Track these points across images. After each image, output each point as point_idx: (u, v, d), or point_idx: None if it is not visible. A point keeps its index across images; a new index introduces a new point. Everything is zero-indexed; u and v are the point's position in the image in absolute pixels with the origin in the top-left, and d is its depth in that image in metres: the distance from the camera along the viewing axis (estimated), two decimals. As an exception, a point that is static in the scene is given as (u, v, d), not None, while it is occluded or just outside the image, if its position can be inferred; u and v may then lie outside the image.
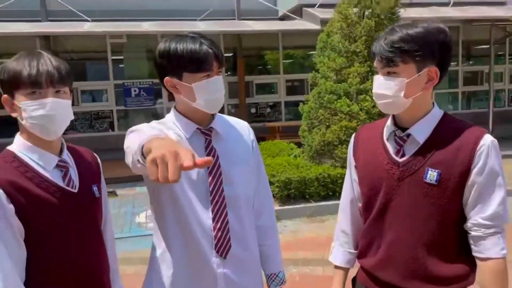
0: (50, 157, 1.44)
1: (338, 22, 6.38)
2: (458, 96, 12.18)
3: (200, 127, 1.58)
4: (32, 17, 9.67)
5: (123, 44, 10.42)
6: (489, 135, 1.44)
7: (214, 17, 10.47)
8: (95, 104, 10.37)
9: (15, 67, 1.36)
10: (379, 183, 1.52)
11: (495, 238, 1.41)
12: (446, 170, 1.41)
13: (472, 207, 1.43)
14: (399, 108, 1.46)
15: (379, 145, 1.55)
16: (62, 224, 1.42)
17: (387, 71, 1.43)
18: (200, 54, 1.47)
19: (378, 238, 1.56)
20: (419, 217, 1.45)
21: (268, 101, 11.49)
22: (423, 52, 1.40)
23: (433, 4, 10.72)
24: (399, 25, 1.45)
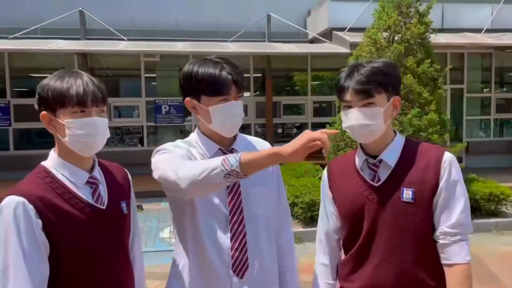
0: (81, 173, 1.47)
1: (367, 46, 6.41)
2: (490, 123, 11.89)
3: (222, 148, 1.63)
4: (72, 35, 10.14)
5: (156, 63, 10.76)
6: (448, 152, 1.61)
7: (245, 38, 10.70)
8: (127, 120, 10.68)
9: (61, 86, 1.40)
10: (361, 210, 1.62)
11: (460, 245, 1.55)
12: (419, 188, 1.55)
13: (439, 216, 1.57)
14: (378, 134, 1.57)
15: (354, 175, 1.66)
16: (89, 240, 1.43)
17: (365, 102, 1.54)
18: (218, 78, 1.54)
19: (364, 262, 1.63)
20: (403, 236, 1.57)
21: (295, 121, 11.54)
22: (391, 83, 1.57)
23: (465, 30, 10.62)
24: (361, 62, 1.60)
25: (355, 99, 1.54)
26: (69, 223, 1.40)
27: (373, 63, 1.58)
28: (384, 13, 6.32)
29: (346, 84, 1.56)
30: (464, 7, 10.63)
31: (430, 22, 6.33)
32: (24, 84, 10.76)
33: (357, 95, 1.54)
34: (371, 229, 1.60)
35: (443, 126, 6.13)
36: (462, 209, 1.55)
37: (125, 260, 1.58)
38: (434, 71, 6.14)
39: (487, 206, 6.34)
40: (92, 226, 1.45)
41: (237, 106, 1.59)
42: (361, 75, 1.54)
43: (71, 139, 1.42)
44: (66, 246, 1.40)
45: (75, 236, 1.41)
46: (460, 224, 1.55)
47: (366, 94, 1.53)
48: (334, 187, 1.73)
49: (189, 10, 10.99)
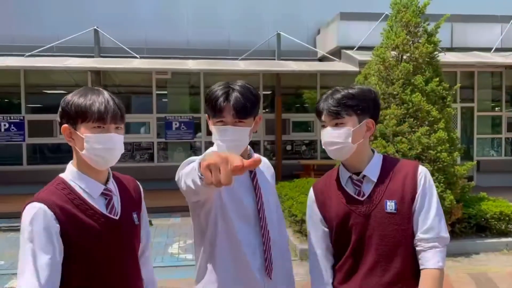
0: (96, 185, 1.55)
1: (376, 65, 6.46)
2: (502, 142, 11.80)
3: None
4: (86, 53, 10.39)
5: (167, 80, 10.94)
6: (421, 165, 1.79)
7: (255, 56, 10.85)
8: (138, 136, 10.82)
9: (84, 102, 1.48)
10: (348, 223, 1.74)
11: (433, 252, 1.68)
12: (400, 198, 1.71)
13: (415, 223, 1.71)
14: (347, 153, 1.73)
15: (338, 191, 1.80)
16: (102, 249, 1.50)
17: (335, 122, 1.72)
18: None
19: (354, 271, 1.75)
20: (389, 245, 1.70)
21: (304, 138, 11.59)
22: (362, 106, 1.73)
23: (475, 49, 10.65)
24: (341, 87, 1.77)
25: (327, 119, 1.73)
26: (85, 232, 1.47)
27: (349, 89, 1.75)
28: (393, 32, 6.38)
29: (321, 107, 1.75)
30: (473, 27, 10.69)
31: (438, 41, 6.37)
32: (38, 100, 11.00)
33: (328, 116, 1.73)
34: (358, 240, 1.73)
35: (452, 144, 6.11)
36: (434, 215, 1.70)
37: (135, 269, 1.64)
38: (442, 90, 6.16)
39: (498, 226, 6.26)
40: (106, 235, 1.52)
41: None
42: (333, 99, 1.72)
43: (88, 153, 1.49)
44: (81, 254, 1.46)
45: (90, 245, 1.48)
46: (432, 229, 1.69)
47: (336, 115, 1.71)
48: (321, 204, 1.86)
49: (200, 29, 11.21)
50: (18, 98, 10.51)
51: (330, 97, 1.74)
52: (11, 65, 9.18)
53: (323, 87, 11.61)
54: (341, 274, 1.79)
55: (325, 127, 1.75)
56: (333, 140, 1.72)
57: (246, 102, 1.67)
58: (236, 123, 1.68)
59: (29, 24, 10.56)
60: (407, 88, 6.02)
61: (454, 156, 6.03)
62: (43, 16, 10.66)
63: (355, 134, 1.71)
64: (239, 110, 1.66)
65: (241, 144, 1.71)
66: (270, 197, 1.83)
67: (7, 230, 7.30)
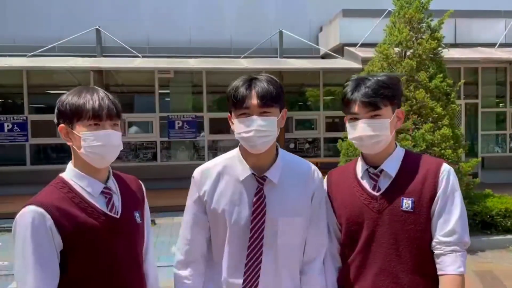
0: (96, 184, 1.55)
1: (379, 62, 6.43)
2: (506, 138, 11.73)
3: (255, 173, 1.62)
4: (88, 52, 10.38)
5: (169, 79, 10.92)
6: (446, 163, 1.66)
7: (258, 55, 10.82)
8: (140, 135, 10.82)
9: (78, 101, 1.49)
10: (360, 218, 1.65)
11: (454, 256, 1.58)
12: (418, 197, 1.61)
13: (435, 225, 1.61)
14: (384, 145, 1.64)
15: (354, 184, 1.70)
16: (103, 247, 1.51)
17: (373, 114, 1.61)
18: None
19: (363, 271, 1.66)
20: (402, 244, 1.61)
21: (307, 136, 11.55)
22: (396, 96, 1.65)
23: (479, 45, 10.58)
24: (365, 76, 1.67)
25: (362, 111, 1.61)
26: (85, 230, 1.48)
27: (377, 76, 1.65)
28: (396, 28, 6.34)
29: (354, 97, 1.62)
30: (477, 22, 10.62)
31: (442, 37, 6.33)
32: (41, 100, 11.02)
33: (365, 107, 1.60)
34: (370, 237, 1.65)
35: (456, 141, 6.07)
36: (458, 218, 1.60)
37: (137, 267, 1.63)
38: (446, 86, 6.12)
39: (503, 223, 6.21)
40: (107, 233, 1.52)
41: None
42: (367, 88, 1.60)
43: (86, 150, 1.49)
44: (82, 251, 1.48)
45: (90, 243, 1.49)
46: (454, 232, 1.59)
47: (373, 106, 1.60)
48: (333, 195, 1.76)
49: (202, 28, 11.19)
50: (21, 99, 10.52)
51: (363, 87, 1.61)
52: (13, 65, 9.20)
53: (326, 84, 11.56)
54: (351, 271, 1.70)
55: (356, 120, 1.62)
56: (372, 134, 1.59)
57: (271, 88, 1.55)
58: (262, 114, 1.54)
59: (31, 24, 10.57)
60: (410, 84, 5.99)
61: (459, 153, 6.00)
62: (45, 16, 10.66)
63: (391, 125, 1.63)
64: (264, 96, 1.53)
65: (269, 135, 1.56)
66: (284, 219, 1.60)
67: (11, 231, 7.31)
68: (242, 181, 1.63)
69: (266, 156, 1.63)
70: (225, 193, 1.64)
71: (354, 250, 1.68)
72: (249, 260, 1.60)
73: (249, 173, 1.62)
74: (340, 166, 1.91)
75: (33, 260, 1.41)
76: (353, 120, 1.64)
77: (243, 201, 1.62)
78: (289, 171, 1.68)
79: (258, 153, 1.60)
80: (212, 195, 1.65)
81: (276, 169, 1.64)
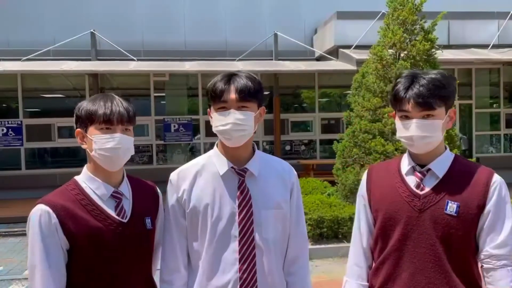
0: (106, 187, 1.59)
1: (373, 63, 6.47)
2: (501, 138, 11.82)
3: (235, 167, 1.64)
4: (83, 56, 10.36)
5: (165, 82, 10.93)
6: (496, 174, 1.61)
7: (253, 57, 10.84)
8: (137, 138, 10.73)
9: (92, 107, 1.57)
10: (399, 215, 1.61)
11: (505, 271, 1.53)
12: (464, 203, 1.55)
13: (484, 237, 1.56)
14: (435, 146, 1.60)
15: (397, 180, 1.66)
16: (106, 249, 1.53)
17: (426, 114, 1.56)
18: None
19: (398, 269, 1.61)
20: (441, 248, 1.55)
21: (303, 138, 11.58)
22: (451, 96, 1.60)
23: (472, 46, 10.65)
24: (418, 73, 1.61)
25: (415, 110, 1.56)
26: (90, 233, 1.52)
27: (430, 74, 1.59)
28: (389, 30, 6.38)
29: (408, 95, 1.56)
30: (470, 23, 10.70)
31: (435, 38, 6.37)
32: (36, 104, 10.98)
33: (419, 106, 1.55)
34: (406, 235, 1.60)
35: (451, 141, 6.11)
36: (510, 231, 1.55)
37: (142, 272, 1.64)
38: (441, 87, 6.15)
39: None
40: (112, 237, 1.55)
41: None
42: (422, 87, 1.55)
43: (97, 153, 1.55)
44: (83, 253, 1.52)
45: (93, 244, 1.52)
46: (506, 244, 1.54)
47: (428, 106, 1.54)
48: (372, 189, 1.72)
49: (197, 30, 11.20)
50: (15, 103, 10.48)
51: (417, 85, 1.56)
52: (8, 69, 9.16)
53: (321, 86, 11.61)
54: (385, 268, 1.65)
55: (408, 118, 1.57)
56: (423, 134, 1.54)
57: (249, 84, 1.58)
58: (240, 108, 1.56)
59: (25, 28, 10.53)
60: (405, 86, 6.01)
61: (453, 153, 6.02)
62: (39, 20, 10.63)
63: (443, 126, 1.58)
64: (242, 90, 1.56)
65: (246, 130, 1.57)
66: (268, 211, 1.62)
67: (7, 235, 7.26)
68: (222, 176, 1.63)
69: (244, 150, 1.64)
70: (205, 189, 1.63)
71: (387, 246, 1.64)
72: (243, 254, 1.59)
73: (228, 166, 1.63)
74: (382, 162, 1.86)
75: (40, 256, 1.48)
76: (404, 118, 1.59)
77: (225, 195, 1.62)
78: (267, 166, 1.70)
79: (236, 147, 1.62)
80: (191, 193, 1.64)
81: (255, 162, 1.66)
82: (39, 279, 1.47)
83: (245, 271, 1.58)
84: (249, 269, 1.59)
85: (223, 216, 1.60)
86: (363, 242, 1.76)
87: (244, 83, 1.57)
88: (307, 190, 7.53)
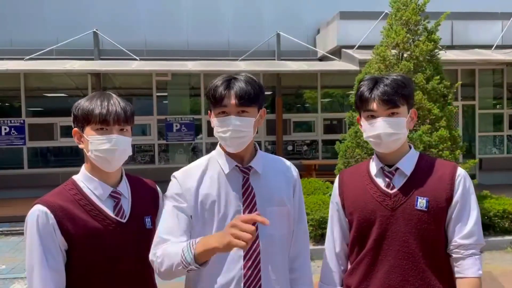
0: (105, 187, 1.58)
1: (376, 64, 6.44)
2: (504, 139, 11.76)
3: (239, 165, 1.65)
4: (86, 56, 10.37)
5: (167, 82, 10.93)
6: (460, 167, 1.69)
7: (255, 57, 10.83)
8: (138, 138, 10.81)
9: (88, 106, 1.55)
10: (373, 215, 1.66)
11: (473, 259, 1.60)
12: (433, 197, 1.62)
13: (452, 228, 1.63)
14: (401, 143, 1.67)
15: (367, 181, 1.71)
16: (104, 249, 1.52)
17: (391, 112, 1.63)
18: None
19: (373, 268, 1.66)
20: (414, 243, 1.61)
21: (305, 139, 11.56)
22: (411, 96, 1.69)
23: (475, 47, 10.61)
24: (381, 76, 1.72)
25: (381, 109, 1.63)
26: (88, 233, 1.51)
27: (392, 76, 1.68)
28: (392, 30, 6.35)
29: (373, 95, 1.63)
30: (474, 24, 10.65)
31: (438, 39, 6.34)
32: (38, 103, 10.99)
33: (384, 105, 1.62)
34: (381, 234, 1.65)
35: (454, 142, 6.09)
36: (475, 221, 1.63)
37: (141, 272, 1.62)
38: (443, 88, 6.13)
39: (501, 224, 6.23)
40: (109, 236, 1.53)
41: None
42: (386, 86, 1.63)
43: (93, 154, 1.54)
44: (81, 253, 1.50)
45: (91, 245, 1.50)
46: (473, 234, 1.61)
47: (392, 104, 1.62)
48: (345, 193, 1.77)
49: (200, 30, 11.19)
50: (18, 102, 10.50)
51: (381, 85, 1.63)
52: (11, 68, 9.17)
53: (324, 86, 11.59)
54: (360, 269, 1.69)
55: (373, 117, 1.64)
56: (391, 131, 1.61)
57: (249, 88, 1.57)
58: (239, 113, 1.56)
59: (28, 27, 10.55)
60: (408, 86, 6.00)
61: (456, 154, 6.00)
62: (42, 19, 10.64)
63: (407, 123, 1.66)
64: (242, 96, 1.55)
65: (246, 135, 1.58)
66: (272, 208, 1.63)
67: (9, 234, 7.29)
68: (227, 174, 1.64)
69: (245, 150, 1.65)
70: (211, 187, 1.63)
71: (364, 247, 1.68)
72: (247, 251, 1.59)
73: (233, 165, 1.64)
74: (352, 166, 1.92)
75: (38, 257, 1.46)
76: (370, 118, 1.66)
77: (230, 193, 1.62)
78: (269, 164, 1.72)
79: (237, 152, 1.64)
80: (198, 192, 1.62)
81: (259, 160, 1.68)
82: (37, 280, 1.46)
83: (249, 268, 1.59)
84: (254, 266, 1.59)
85: (229, 213, 1.60)
86: (336, 248, 1.81)
87: (244, 88, 1.57)
88: (309, 191, 7.52)
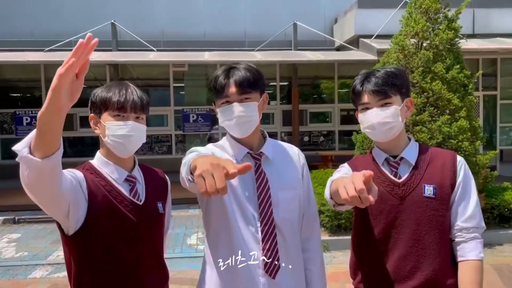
0: (120, 171, 1.65)
1: (394, 53, 6.34)
2: (526, 130, 11.49)
3: (251, 152, 1.70)
4: (104, 47, 10.48)
5: (184, 72, 10.97)
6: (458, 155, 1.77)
7: (272, 47, 10.77)
8: (156, 128, 10.91)
9: (107, 93, 1.61)
10: (382, 204, 1.69)
11: (475, 243, 1.66)
12: (439, 184, 1.67)
13: (455, 211, 1.68)
14: (397, 132, 1.71)
15: (375, 171, 1.72)
16: (122, 229, 1.58)
17: (383, 102, 1.68)
18: None
19: (383, 257, 1.70)
20: (424, 230, 1.66)
21: (321, 129, 11.50)
22: (404, 85, 1.72)
23: (497, 35, 10.34)
24: (373, 69, 1.75)
25: (373, 100, 1.68)
26: (109, 210, 1.56)
27: (385, 68, 1.73)
28: (412, 19, 6.24)
29: (364, 87, 1.70)
30: (496, 12, 10.37)
31: (459, 27, 6.20)
32: (58, 94, 11.15)
33: (375, 96, 1.67)
34: (391, 223, 1.69)
35: (474, 133, 5.97)
36: (476, 204, 1.69)
37: (154, 254, 1.69)
38: (464, 77, 6.00)
39: (522, 216, 6.12)
40: (128, 218, 1.59)
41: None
42: (377, 78, 1.68)
43: (110, 139, 1.59)
44: (103, 232, 1.55)
45: (110, 223, 1.56)
46: (474, 217, 1.67)
47: (383, 94, 1.67)
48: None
49: (216, 21, 11.18)
50: (39, 92, 10.70)
51: (373, 77, 1.69)
52: (31, 60, 9.34)
53: (341, 77, 11.47)
54: (372, 258, 1.74)
55: (367, 109, 1.69)
56: (385, 121, 1.66)
57: (248, 75, 1.62)
58: (242, 100, 1.61)
59: (47, 19, 10.71)
60: (427, 76, 5.89)
61: (476, 145, 5.90)
62: (61, 11, 10.78)
63: (401, 113, 1.69)
64: (242, 83, 1.60)
65: (251, 120, 1.63)
66: (284, 193, 1.68)
67: (31, 222, 7.49)
68: (240, 162, 1.66)
69: (254, 136, 1.70)
70: None
71: (373, 237, 1.72)
72: (265, 234, 1.63)
73: (245, 151, 1.68)
74: (356, 156, 1.94)
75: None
76: (364, 110, 1.71)
77: (244, 179, 1.64)
78: (279, 150, 1.78)
79: (245, 137, 1.67)
80: None
81: (268, 147, 1.74)
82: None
83: (268, 250, 1.63)
84: (272, 248, 1.63)
85: (244, 199, 1.64)
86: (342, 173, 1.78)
87: (243, 75, 1.61)
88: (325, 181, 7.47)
